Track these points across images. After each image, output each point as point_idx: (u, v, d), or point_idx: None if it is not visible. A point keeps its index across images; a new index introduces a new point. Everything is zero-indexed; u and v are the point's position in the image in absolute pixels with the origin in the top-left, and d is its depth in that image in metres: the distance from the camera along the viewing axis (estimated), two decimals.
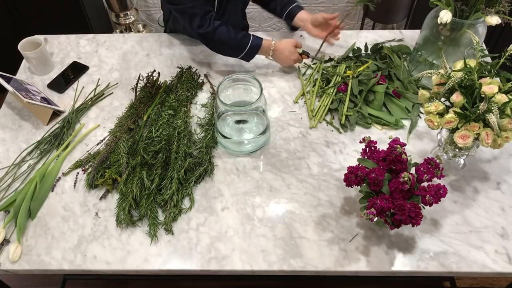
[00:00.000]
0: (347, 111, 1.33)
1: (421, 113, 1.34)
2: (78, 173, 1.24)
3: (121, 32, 2.59)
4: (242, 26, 1.65)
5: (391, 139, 1.01)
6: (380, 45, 1.52)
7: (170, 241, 1.10)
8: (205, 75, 1.50)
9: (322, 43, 1.47)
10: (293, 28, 1.57)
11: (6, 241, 1.11)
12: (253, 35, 1.42)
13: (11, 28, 2.32)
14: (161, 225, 1.12)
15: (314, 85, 1.43)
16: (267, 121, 1.24)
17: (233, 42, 1.39)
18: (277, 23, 2.79)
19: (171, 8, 1.41)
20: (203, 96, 1.43)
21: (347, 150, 1.27)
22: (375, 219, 0.95)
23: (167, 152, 1.22)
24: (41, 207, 1.17)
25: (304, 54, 1.47)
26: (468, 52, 1.22)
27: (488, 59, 1.37)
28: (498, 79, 1.03)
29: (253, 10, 2.69)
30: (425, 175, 0.98)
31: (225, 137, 1.23)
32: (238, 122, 1.26)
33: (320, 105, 1.36)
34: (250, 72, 1.50)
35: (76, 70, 1.53)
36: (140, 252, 1.08)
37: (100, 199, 1.18)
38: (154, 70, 1.50)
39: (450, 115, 1.01)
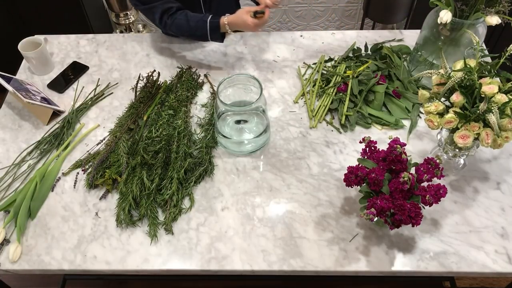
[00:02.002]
0: (347, 111, 1.33)
1: (421, 113, 1.34)
2: (78, 173, 1.24)
3: (121, 32, 2.59)
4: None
5: (391, 139, 1.01)
6: (380, 45, 1.52)
7: (170, 241, 1.10)
8: (205, 75, 1.50)
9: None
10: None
11: (6, 241, 1.11)
12: (210, 19, 1.39)
13: (11, 28, 2.32)
14: (161, 225, 1.12)
15: (314, 85, 1.43)
16: (267, 121, 1.24)
17: (193, 32, 1.42)
18: (277, 23, 2.79)
19: (135, 7, 1.46)
20: (203, 96, 1.43)
21: (347, 150, 1.27)
22: (375, 219, 0.95)
23: (167, 152, 1.22)
24: (41, 207, 1.17)
25: (259, 14, 1.38)
26: (468, 52, 1.22)
27: (488, 59, 1.37)
28: (498, 79, 1.03)
29: None
30: (425, 175, 0.98)
31: (225, 137, 1.23)
32: (238, 122, 1.26)
33: (320, 105, 1.36)
34: (250, 72, 1.50)
35: (76, 70, 1.53)
36: (140, 252, 1.08)
37: (100, 199, 1.18)
38: (154, 70, 1.50)
39: (450, 115, 1.01)
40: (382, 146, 1.05)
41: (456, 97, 1.01)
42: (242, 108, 1.22)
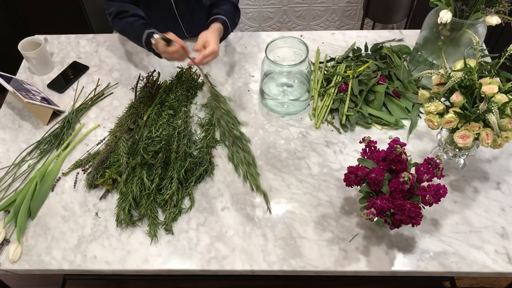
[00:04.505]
0: (347, 111, 1.33)
1: (421, 113, 1.34)
2: (78, 173, 1.24)
3: None
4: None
5: (391, 139, 1.01)
6: (380, 45, 1.52)
7: (170, 241, 1.10)
8: (205, 75, 1.50)
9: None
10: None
11: (6, 241, 1.11)
12: (144, 38, 1.33)
13: (11, 28, 2.32)
14: (161, 225, 1.12)
15: (317, 85, 1.43)
16: (309, 85, 1.34)
17: (134, 42, 1.43)
18: (276, 23, 2.79)
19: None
20: (203, 96, 1.43)
21: (347, 150, 1.27)
22: (375, 219, 0.96)
23: (167, 152, 1.22)
24: (41, 207, 1.17)
25: (169, 42, 1.27)
26: (468, 52, 1.22)
27: (488, 59, 1.37)
28: (498, 79, 1.03)
29: (253, 10, 2.69)
30: (425, 175, 0.98)
31: (269, 97, 1.33)
32: (282, 85, 1.36)
33: (322, 106, 1.36)
34: (250, 72, 1.50)
35: (76, 70, 1.53)
36: (140, 252, 1.08)
37: (100, 199, 1.18)
38: (154, 70, 1.50)
39: (450, 115, 1.01)
40: (382, 146, 1.05)
41: (456, 97, 1.01)
42: (288, 67, 1.28)
